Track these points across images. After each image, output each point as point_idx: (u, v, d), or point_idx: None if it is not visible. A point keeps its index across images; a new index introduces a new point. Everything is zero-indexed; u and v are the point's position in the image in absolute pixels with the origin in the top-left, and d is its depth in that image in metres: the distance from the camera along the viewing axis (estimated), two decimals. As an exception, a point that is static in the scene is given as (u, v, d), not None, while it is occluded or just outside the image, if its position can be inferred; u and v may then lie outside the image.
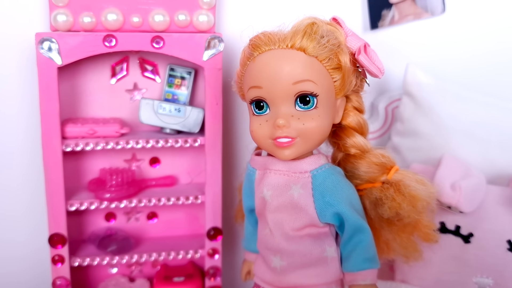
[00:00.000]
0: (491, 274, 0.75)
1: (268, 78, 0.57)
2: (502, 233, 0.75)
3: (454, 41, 0.93)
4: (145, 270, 0.91)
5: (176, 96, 0.84)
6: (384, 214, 0.63)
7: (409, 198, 0.62)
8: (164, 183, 0.87)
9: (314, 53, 0.57)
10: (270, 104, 0.58)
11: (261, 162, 0.64)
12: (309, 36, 0.57)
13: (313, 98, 0.58)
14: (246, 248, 0.74)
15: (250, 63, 0.60)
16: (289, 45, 0.57)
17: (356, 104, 0.65)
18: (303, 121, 0.58)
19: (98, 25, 0.75)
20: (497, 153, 0.84)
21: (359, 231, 0.61)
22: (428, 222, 0.67)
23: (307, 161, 0.61)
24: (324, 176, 0.60)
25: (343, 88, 0.60)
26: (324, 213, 0.60)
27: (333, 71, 0.59)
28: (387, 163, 0.64)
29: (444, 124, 0.85)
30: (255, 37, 0.60)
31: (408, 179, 0.63)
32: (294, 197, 0.60)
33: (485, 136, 0.84)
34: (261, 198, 0.63)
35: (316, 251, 0.62)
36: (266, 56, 0.58)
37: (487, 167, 0.83)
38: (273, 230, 0.62)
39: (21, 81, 0.83)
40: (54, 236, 0.79)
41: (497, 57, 0.93)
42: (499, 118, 0.85)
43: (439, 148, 0.85)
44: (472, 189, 0.73)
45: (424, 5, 0.91)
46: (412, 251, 0.68)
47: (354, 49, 0.60)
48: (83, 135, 0.79)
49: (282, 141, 0.58)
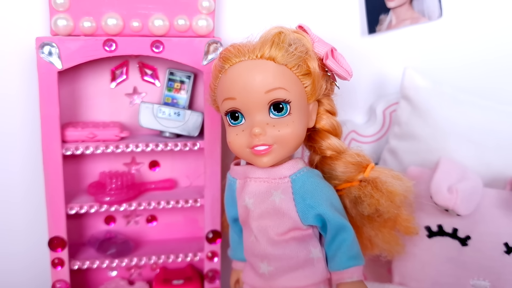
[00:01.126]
0: (488, 276, 0.75)
1: (241, 89, 0.59)
2: (499, 236, 0.76)
3: (451, 45, 0.94)
4: (144, 273, 0.91)
5: (175, 100, 0.85)
6: (364, 211, 0.65)
7: (386, 194, 0.64)
8: (163, 187, 0.88)
9: (283, 61, 0.59)
10: (245, 114, 0.60)
11: (241, 172, 0.65)
12: (277, 45, 0.59)
13: (286, 105, 0.59)
14: (233, 257, 0.76)
15: (222, 76, 0.61)
16: (258, 55, 0.59)
17: (328, 107, 0.66)
18: (278, 128, 0.59)
19: (98, 29, 0.76)
20: (493, 156, 0.84)
21: (342, 230, 0.62)
22: (407, 216, 0.69)
23: (285, 166, 0.63)
24: (303, 180, 0.62)
25: (314, 93, 0.62)
26: (306, 215, 0.61)
27: (303, 77, 0.61)
28: (363, 161, 0.66)
29: (441, 127, 0.86)
30: (225, 50, 0.62)
31: (384, 175, 0.65)
32: (276, 202, 0.62)
33: (482, 139, 0.84)
34: (243, 206, 0.65)
35: (301, 253, 0.63)
36: (237, 68, 0.60)
37: (483, 170, 0.83)
38: (258, 237, 0.63)
39: (21, 85, 0.83)
40: (54, 239, 0.79)
41: (493, 61, 0.94)
42: (495, 121, 0.85)
43: (436, 151, 0.85)
44: (469, 192, 0.74)
45: (421, 9, 0.92)
46: (395, 245, 0.71)
47: (321, 54, 0.62)
48: (83, 139, 0.79)
49: (260, 149, 0.60)
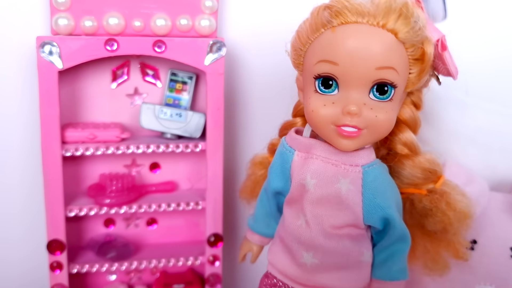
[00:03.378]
0: (494, 281, 0.74)
1: (348, 56, 0.49)
2: (505, 240, 0.75)
3: (456, 47, 0.93)
4: (144, 277, 0.90)
5: (177, 101, 0.84)
6: (431, 226, 0.59)
7: (459, 214, 0.58)
8: (164, 189, 0.86)
9: (404, 39, 0.50)
10: (341, 85, 0.51)
11: (304, 144, 0.56)
12: (405, 18, 0.49)
13: (391, 88, 0.50)
14: (252, 228, 0.67)
15: (326, 32, 0.51)
16: (380, 23, 0.49)
17: (416, 99, 0.59)
18: (376, 113, 0.51)
19: (99, 29, 0.75)
20: (499, 159, 0.83)
21: (402, 239, 0.56)
22: (463, 240, 0.62)
23: (361, 154, 0.54)
24: (376, 174, 0.54)
25: (417, 83, 0.53)
26: (371, 215, 0.54)
27: (414, 62, 0.52)
28: (438, 170, 0.59)
29: (446, 130, 0.85)
30: (337, 1, 0.51)
31: (456, 192, 0.59)
32: (342, 191, 0.53)
33: (488, 143, 0.84)
34: (301, 184, 0.56)
35: (354, 253, 0.56)
36: (351, 29, 0.49)
37: (489, 173, 0.82)
38: (310, 223, 0.55)
39: (21, 85, 0.82)
40: (52, 242, 0.78)
41: (500, 63, 0.93)
42: (501, 124, 0.84)
43: (441, 154, 0.84)
44: (476, 196, 0.73)
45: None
46: (442, 266, 0.64)
47: (433, 41, 0.53)
48: (83, 139, 0.78)
49: (348, 130, 0.50)
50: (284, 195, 0.60)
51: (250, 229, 0.68)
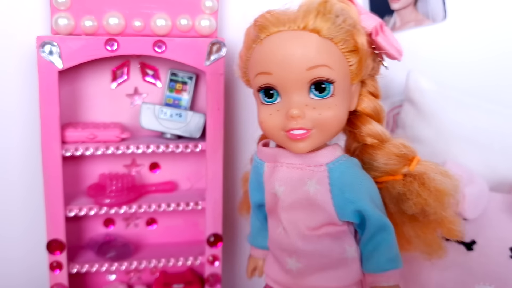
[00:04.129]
0: (493, 282, 0.74)
1: (278, 64, 0.51)
2: (505, 241, 0.75)
3: (455, 47, 0.94)
4: (144, 277, 0.90)
5: (177, 101, 0.84)
6: (409, 211, 0.58)
7: (435, 193, 0.56)
8: (164, 189, 0.87)
9: (329, 35, 0.51)
10: (281, 92, 0.53)
11: (270, 154, 0.58)
12: (323, 15, 0.51)
13: (329, 85, 0.52)
14: (252, 244, 0.69)
15: (256, 46, 0.54)
16: (300, 26, 0.51)
17: (372, 88, 0.59)
18: (319, 111, 0.52)
19: (99, 29, 0.75)
20: (499, 160, 0.83)
21: (382, 229, 0.56)
22: (453, 217, 0.61)
23: (322, 153, 0.55)
24: (342, 170, 0.55)
25: (360, 73, 0.54)
26: (344, 210, 0.55)
27: (349, 54, 0.53)
28: (409, 153, 0.59)
29: (446, 130, 0.85)
30: (261, 16, 0.54)
31: (432, 171, 0.58)
32: (310, 193, 0.55)
33: (487, 143, 0.84)
34: (272, 194, 0.57)
35: (336, 251, 0.57)
36: (275, 39, 0.52)
37: (489, 174, 0.82)
38: (287, 230, 0.57)
39: (21, 85, 0.82)
40: (52, 242, 0.78)
41: (499, 63, 0.93)
42: (501, 125, 0.84)
43: (441, 154, 0.84)
44: (476, 196, 0.73)
45: (426, 12, 0.91)
46: (437, 248, 0.62)
47: (369, 29, 0.55)
48: (83, 139, 0.78)
49: (296, 133, 0.52)
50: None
51: (250, 245, 0.70)
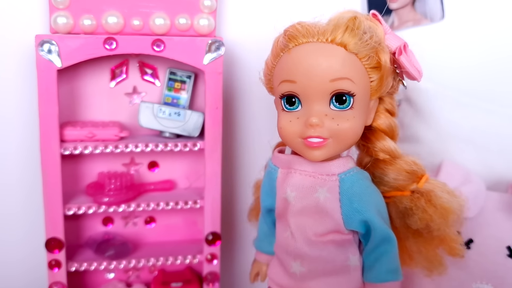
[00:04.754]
0: (491, 280, 0.75)
1: (303, 73, 0.54)
2: (502, 240, 0.75)
3: (453, 47, 0.94)
4: (142, 276, 0.90)
5: (176, 100, 0.84)
6: (413, 225, 0.60)
7: (440, 210, 0.59)
8: (162, 188, 0.87)
9: (355, 50, 0.54)
10: (303, 101, 0.55)
11: (285, 161, 0.60)
12: (351, 31, 0.54)
13: (349, 97, 0.54)
14: (258, 248, 0.71)
15: (284, 55, 0.56)
16: (329, 39, 0.54)
17: (389, 106, 0.62)
18: (337, 122, 0.54)
19: (98, 27, 0.75)
20: (496, 159, 0.84)
21: (386, 241, 0.58)
22: (455, 236, 0.64)
23: (336, 163, 0.58)
24: (352, 181, 0.57)
25: (380, 89, 0.57)
26: (351, 220, 0.57)
27: (372, 70, 0.55)
28: (418, 171, 0.61)
29: (443, 130, 0.85)
30: (292, 27, 0.56)
31: (439, 189, 0.60)
32: (320, 200, 0.57)
33: (485, 143, 0.84)
34: (283, 199, 0.60)
35: (339, 258, 0.59)
36: (303, 49, 0.54)
37: (486, 173, 0.83)
38: (294, 234, 0.59)
39: (20, 83, 0.82)
40: (51, 240, 0.78)
41: (497, 63, 0.93)
42: (498, 124, 0.85)
43: (438, 154, 0.85)
44: (473, 195, 0.73)
45: (424, 11, 0.91)
46: (438, 265, 0.65)
47: (393, 48, 0.57)
48: (82, 138, 0.78)
49: (314, 141, 0.54)
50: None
51: (256, 249, 0.72)
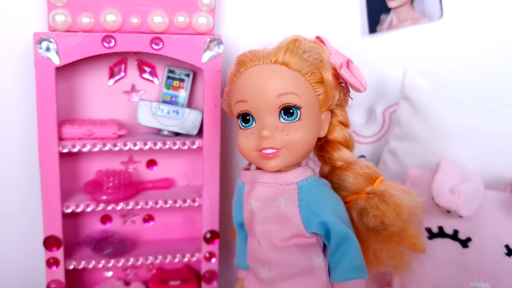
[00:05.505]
0: (488, 278, 0.75)
1: (253, 92, 0.60)
2: (500, 238, 0.75)
3: (451, 46, 0.94)
4: (141, 274, 0.90)
5: (174, 98, 0.84)
6: (369, 223, 0.64)
7: (393, 207, 0.63)
8: (161, 186, 0.87)
9: (296, 67, 0.60)
10: (256, 117, 0.61)
11: (250, 176, 0.65)
12: (291, 51, 0.60)
13: (296, 110, 0.60)
14: (238, 266, 0.75)
15: (236, 79, 0.63)
16: (272, 60, 0.60)
17: (342, 118, 0.67)
18: (287, 132, 0.60)
19: (96, 25, 0.75)
20: (494, 158, 0.84)
21: (345, 240, 0.61)
22: (414, 232, 0.69)
23: (293, 173, 0.63)
24: (310, 187, 0.62)
25: (327, 102, 0.63)
26: (310, 222, 0.61)
27: (316, 85, 0.61)
28: (372, 173, 0.66)
29: (441, 128, 0.85)
30: (242, 54, 0.63)
31: (393, 189, 0.65)
32: (281, 208, 0.62)
33: (483, 141, 0.84)
34: (249, 210, 0.64)
35: (303, 261, 0.63)
36: (252, 71, 0.61)
37: (484, 172, 0.83)
38: (260, 241, 0.63)
39: (18, 81, 0.82)
40: (49, 238, 0.78)
41: (494, 62, 0.93)
42: (496, 123, 0.85)
43: (436, 152, 0.85)
44: (471, 194, 0.73)
45: (422, 10, 0.91)
46: (400, 261, 0.69)
47: (337, 65, 0.63)
48: (80, 136, 0.78)
49: (268, 152, 0.60)
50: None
51: (237, 267, 0.75)
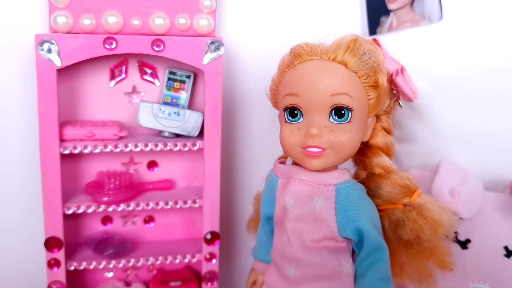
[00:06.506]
0: (488, 280, 0.75)
1: (306, 87, 0.58)
2: (499, 239, 0.75)
3: (451, 48, 0.94)
4: (141, 275, 0.90)
5: (175, 99, 0.84)
6: (405, 236, 0.63)
7: (431, 223, 0.62)
8: (161, 187, 0.87)
9: (354, 68, 0.58)
10: (305, 113, 0.59)
11: (286, 171, 0.64)
12: (351, 51, 0.58)
13: (348, 112, 0.58)
14: (256, 257, 0.74)
15: (289, 71, 0.61)
16: (331, 58, 0.58)
17: (386, 125, 0.66)
18: (336, 133, 0.58)
19: (98, 27, 0.75)
20: (493, 159, 0.84)
21: (378, 249, 0.61)
22: (445, 249, 0.67)
23: (333, 174, 0.61)
24: (348, 191, 0.61)
25: (377, 107, 0.62)
26: (345, 227, 0.60)
27: (370, 88, 0.60)
28: (411, 186, 0.65)
29: (441, 130, 0.86)
30: (298, 46, 0.61)
31: (431, 204, 0.64)
32: (317, 208, 0.60)
33: (482, 143, 0.84)
34: (282, 206, 0.63)
35: (332, 264, 0.62)
36: (307, 66, 0.59)
37: (483, 173, 0.83)
38: (291, 239, 0.62)
39: (19, 83, 0.82)
40: (50, 239, 0.78)
41: (494, 64, 0.94)
42: (495, 124, 0.85)
43: (435, 153, 0.85)
44: (471, 195, 0.74)
45: (422, 12, 0.92)
46: (427, 277, 0.68)
47: (391, 71, 0.62)
48: (81, 137, 0.78)
49: (313, 150, 0.58)
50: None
51: (254, 258, 0.74)
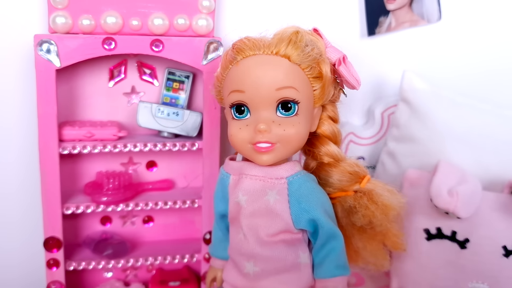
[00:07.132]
0: (486, 279, 0.75)
1: (251, 83, 0.57)
2: (497, 239, 0.75)
3: (449, 48, 0.94)
4: (140, 275, 0.90)
5: (174, 99, 0.84)
6: (357, 222, 0.64)
7: (382, 207, 0.63)
8: (160, 187, 0.87)
9: (298, 61, 0.58)
10: (251, 109, 0.59)
11: (236, 167, 0.64)
12: (294, 43, 0.58)
13: (294, 105, 0.58)
14: (213, 255, 0.74)
15: (232, 67, 0.60)
16: (274, 52, 0.58)
17: (332, 113, 0.66)
18: (284, 127, 0.58)
19: (97, 27, 0.75)
20: (491, 159, 0.84)
21: (333, 238, 0.61)
22: (397, 231, 0.69)
23: (284, 167, 0.62)
24: (300, 183, 0.61)
25: (322, 98, 0.61)
26: (300, 219, 0.60)
27: (314, 80, 0.60)
28: (360, 172, 0.65)
29: (439, 130, 0.86)
30: (239, 41, 0.60)
31: (380, 188, 0.65)
32: (270, 202, 0.61)
33: (480, 143, 0.85)
34: (235, 203, 0.63)
35: (290, 257, 0.62)
36: (250, 61, 0.58)
37: (481, 173, 0.83)
38: (247, 235, 0.62)
39: (18, 83, 0.82)
40: (49, 239, 0.78)
41: (492, 64, 0.94)
42: (493, 124, 0.85)
43: (434, 153, 0.85)
44: (469, 195, 0.74)
45: (421, 12, 0.92)
46: (381, 259, 0.70)
47: (333, 60, 0.62)
48: (80, 138, 0.78)
49: (262, 146, 0.58)
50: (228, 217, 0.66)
51: (211, 256, 0.74)
